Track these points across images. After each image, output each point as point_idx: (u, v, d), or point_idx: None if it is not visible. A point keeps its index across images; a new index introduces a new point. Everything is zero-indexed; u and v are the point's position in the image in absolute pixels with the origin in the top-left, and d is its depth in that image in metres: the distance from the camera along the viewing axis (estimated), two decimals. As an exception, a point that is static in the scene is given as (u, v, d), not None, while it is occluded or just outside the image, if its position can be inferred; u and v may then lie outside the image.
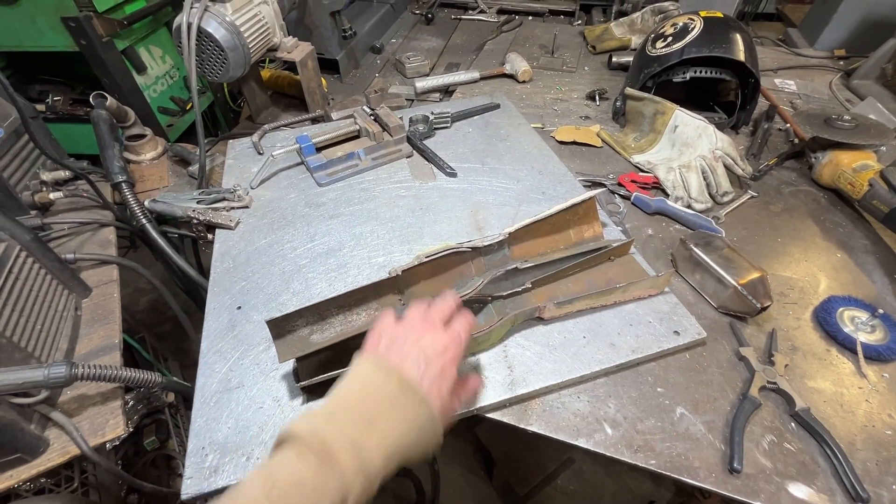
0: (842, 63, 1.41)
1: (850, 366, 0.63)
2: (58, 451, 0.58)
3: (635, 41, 1.42)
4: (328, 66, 1.33)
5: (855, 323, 0.65)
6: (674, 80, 1.03)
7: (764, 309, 0.64)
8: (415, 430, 0.40)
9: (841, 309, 0.67)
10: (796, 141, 1.01)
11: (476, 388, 0.52)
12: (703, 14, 1.01)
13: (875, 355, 0.62)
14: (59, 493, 0.72)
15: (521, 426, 0.56)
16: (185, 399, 1.36)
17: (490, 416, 0.57)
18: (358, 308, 0.60)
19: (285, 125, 1.07)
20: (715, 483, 0.51)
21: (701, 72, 1.00)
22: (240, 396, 0.57)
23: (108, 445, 0.61)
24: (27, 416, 0.57)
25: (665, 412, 0.57)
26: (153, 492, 0.73)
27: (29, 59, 1.31)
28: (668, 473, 0.51)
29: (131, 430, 0.62)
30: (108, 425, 0.61)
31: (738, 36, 0.97)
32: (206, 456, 0.52)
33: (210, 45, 0.89)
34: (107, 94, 0.90)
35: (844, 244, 0.81)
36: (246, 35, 0.92)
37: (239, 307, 0.68)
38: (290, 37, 1.08)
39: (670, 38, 1.02)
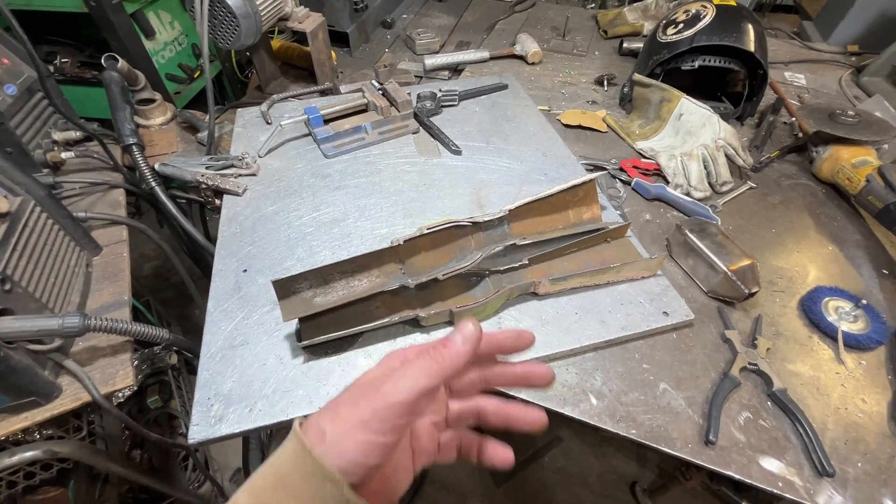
0: (854, 59, 1.39)
1: (830, 353, 0.65)
2: (70, 396, 0.62)
3: (647, 27, 1.41)
4: (338, 38, 1.32)
5: (839, 312, 0.68)
6: (682, 67, 1.03)
7: (752, 295, 0.67)
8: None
9: (826, 299, 0.69)
10: (800, 134, 1.01)
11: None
12: (716, 2, 1.01)
13: (855, 343, 0.65)
14: (69, 439, 0.76)
15: (510, 393, 0.58)
16: (188, 363, 1.40)
17: (482, 382, 0.60)
18: (360, 274, 0.62)
19: (294, 96, 1.08)
20: (690, 453, 0.54)
21: (710, 60, 1.00)
22: (244, 353, 0.60)
23: (114, 400, 0.64)
24: (41, 363, 0.60)
25: (649, 387, 0.60)
26: (158, 441, 0.77)
27: (37, 18, 1.31)
28: (646, 442, 0.54)
29: (136, 387, 0.65)
30: (117, 376, 0.64)
31: (749, 26, 0.97)
32: (212, 406, 0.55)
33: (222, 12, 0.89)
34: (118, 57, 0.90)
35: (837, 237, 0.83)
36: (258, 2, 0.92)
37: (245, 270, 0.70)
38: (302, 7, 1.08)
39: (681, 25, 1.01)
